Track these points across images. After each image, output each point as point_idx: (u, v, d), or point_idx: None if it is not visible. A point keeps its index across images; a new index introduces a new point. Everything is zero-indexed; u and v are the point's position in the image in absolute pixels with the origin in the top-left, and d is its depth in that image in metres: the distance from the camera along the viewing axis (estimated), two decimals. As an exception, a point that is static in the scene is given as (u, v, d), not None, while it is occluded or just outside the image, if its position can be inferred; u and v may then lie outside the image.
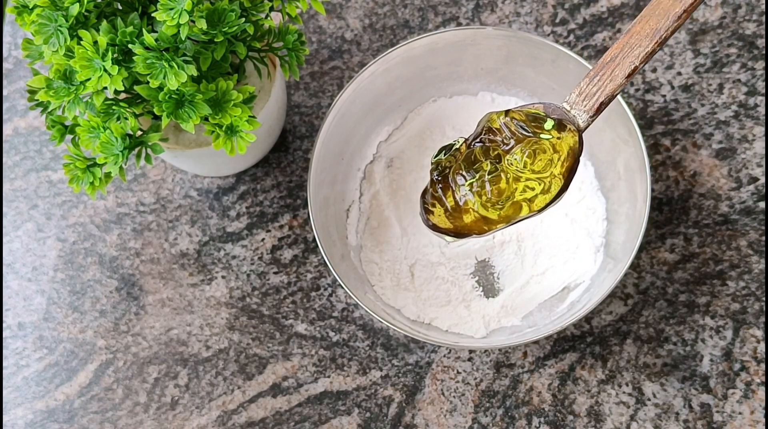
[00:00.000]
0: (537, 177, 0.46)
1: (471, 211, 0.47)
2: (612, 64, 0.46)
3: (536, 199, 0.47)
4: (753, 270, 0.65)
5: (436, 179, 0.48)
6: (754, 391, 0.62)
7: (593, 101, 0.47)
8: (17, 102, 0.73)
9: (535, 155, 0.46)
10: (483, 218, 0.47)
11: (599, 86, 0.46)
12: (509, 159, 0.46)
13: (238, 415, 0.64)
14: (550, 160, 0.46)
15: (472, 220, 0.47)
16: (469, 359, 0.64)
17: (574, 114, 0.47)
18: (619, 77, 0.46)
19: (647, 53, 0.45)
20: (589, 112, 0.47)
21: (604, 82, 0.46)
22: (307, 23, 0.74)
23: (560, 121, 0.46)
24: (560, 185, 0.46)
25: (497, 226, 0.48)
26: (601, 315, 0.65)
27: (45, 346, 0.66)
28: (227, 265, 0.68)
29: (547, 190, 0.47)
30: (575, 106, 0.47)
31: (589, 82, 0.47)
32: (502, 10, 0.73)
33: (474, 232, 0.48)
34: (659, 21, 0.44)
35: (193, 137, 0.62)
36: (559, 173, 0.46)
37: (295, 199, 0.69)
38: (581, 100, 0.47)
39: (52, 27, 0.52)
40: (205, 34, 0.52)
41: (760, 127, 0.68)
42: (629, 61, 0.45)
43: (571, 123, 0.47)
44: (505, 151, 0.46)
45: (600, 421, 0.62)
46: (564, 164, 0.46)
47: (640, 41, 0.45)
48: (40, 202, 0.70)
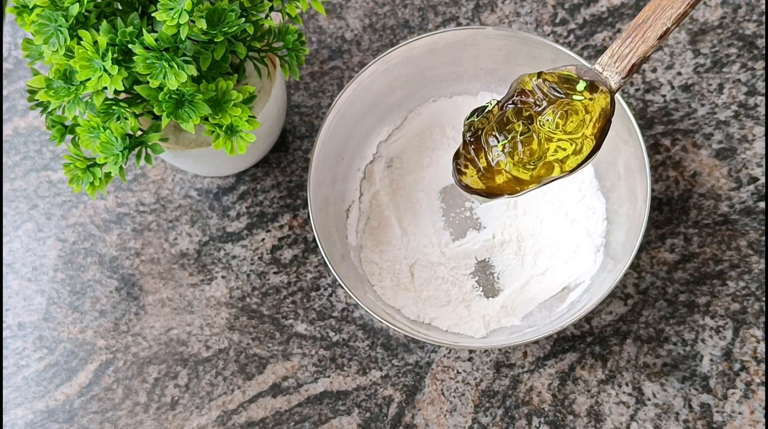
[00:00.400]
0: (569, 138, 0.46)
1: (503, 172, 0.47)
2: (644, 26, 0.46)
3: (568, 159, 0.47)
4: (753, 270, 0.65)
5: (468, 141, 0.48)
6: (754, 391, 0.62)
7: (625, 63, 0.47)
8: (17, 102, 0.73)
9: (567, 116, 0.46)
10: (515, 179, 0.47)
11: (631, 48, 0.46)
12: (541, 120, 0.46)
13: (238, 415, 0.64)
14: (582, 120, 0.46)
15: (504, 181, 0.48)
16: (469, 359, 0.64)
17: (606, 76, 0.47)
18: (651, 39, 0.46)
19: (680, 14, 0.45)
20: (621, 73, 0.47)
21: (637, 43, 0.46)
22: (307, 23, 0.74)
23: (592, 83, 0.47)
24: (592, 146, 0.47)
25: (529, 186, 0.48)
26: (601, 315, 0.65)
27: (45, 346, 0.66)
28: (227, 265, 0.68)
29: (578, 151, 0.47)
30: (607, 67, 0.47)
31: (621, 43, 0.47)
32: (502, 10, 0.73)
33: (506, 193, 0.48)
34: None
35: (193, 137, 0.62)
36: (591, 134, 0.47)
37: (295, 199, 0.69)
38: (613, 62, 0.47)
39: (52, 27, 0.52)
40: (205, 34, 0.52)
41: (760, 127, 0.68)
42: (661, 23, 0.45)
43: (603, 84, 0.47)
44: (537, 112, 0.46)
45: (600, 421, 0.62)
46: (596, 125, 0.47)
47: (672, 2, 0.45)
48: (40, 202, 0.70)
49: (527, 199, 0.66)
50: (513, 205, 0.66)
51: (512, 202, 0.66)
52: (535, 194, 0.66)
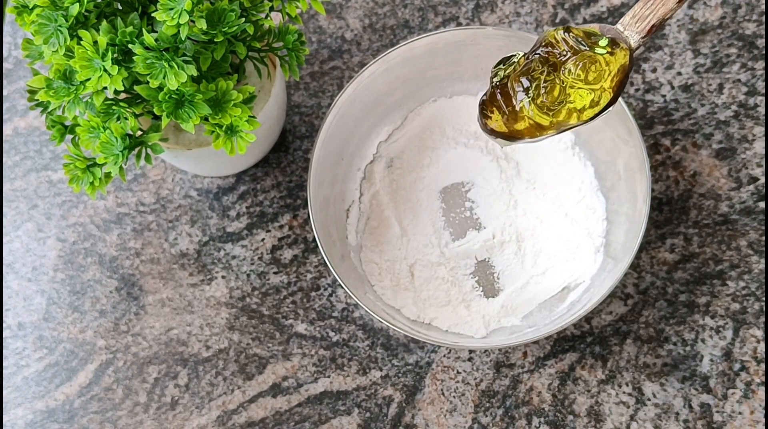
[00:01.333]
0: (589, 87, 0.50)
1: (526, 118, 0.51)
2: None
3: (586, 109, 0.50)
4: (753, 270, 0.65)
5: (495, 85, 0.52)
6: (754, 391, 0.62)
7: (645, 23, 0.50)
8: (17, 102, 0.73)
9: (588, 67, 0.49)
10: (536, 124, 0.51)
11: (652, 9, 0.50)
12: (565, 69, 0.49)
13: (238, 415, 0.64)
14: (601, 72, 0.49)
15: (526, 125, 0.51)
16: (469, 359, 0.64)
17: (627, 34, 0.50)
18: (671, 2, 0.49)
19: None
20: (641, 33, 0.50)
21: (657, 5, 0.49)
22: (307, 23, 0.74)
23: (614, 40, 0.50)
24: (609, 98, 0.50)
25: (548, 131, 0.51)
26: (601, 315, 0.65)
27: (45, 346, 0.66)
28: (227, 265, 0.68)
29: (596, 103, 0.50)
30: (628, 27, 0.50)
31: (643, 5, 0.50)
32: (502, 10, 0.73)
33: (526, 137, 0.52)
34: None
35: (193, 137, 0.62)
36: (609, 87, 0.50)
37: (295, 199, 0.69)
38: (634, 22, 0.50)
39: (52, 27, 0.52)
40: (205, 34, 0.52)
41: (760, 127, 0.68)
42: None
43: (624, 42, 0.50)
44: (561, 61, 0.50)
45: (600, 421, 0.62)
46: (614, 79, 0.50)
47: None
48: (40, 202, 0.70)
49: (527, 199, 0.66)
50: (513, 205, 0.66)
51: (512, 202, 0.66)
52: (535, 194, 0.66)
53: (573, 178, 0.65)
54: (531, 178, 0.66)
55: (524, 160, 0.67)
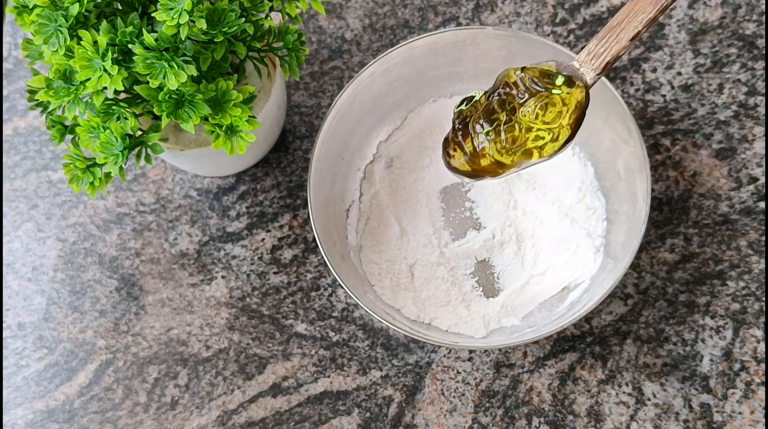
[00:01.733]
0: (547, 127, 0.51)
1: (488, 156, 0.52)
2: (618, 28, 0.50)
3: (546, 146, 0.52)
4: (753, 270, 0.65)
5: (457, 127, 0.53)
6: (754, 391, 0.62)
7: (600, 60, 0.51)
8: (17, 102, 0.73)
9: (546, 108, 0.50)
10: (497, 162, 0.52)
11: (606, 47, 0.51)
12: (523, 110, 0.51)
13: (238, 415, 0.64)
14: (559, 112, 0.51)
15: (488, 164, 0.52)
16: (469, 359, 0.64)
17: (583, 71, 0.52)
18: (624, 40, 0.50)
19: (650, 19, 0.50)
20: (596, 70, 0.51)
21: (611, 43, 0.51)
22: (307, 23, 0.74)
23: (570, 78, 0.51)
24: (567, 135, 0.51)
25: (510, 169, 0.53)
26: (601, 315, 0.65)
27: (45, 346, 0.66)
28: (227, 265, 0.68)
29: (555, 139, 0.51)
30: (584, 64, 0.52)
31: (597, 43, 0.51)
32: (502, 10, 0.73)
33: (489, 175, 0.53)
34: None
35: (193, 137, 0.62)
36: (567, 124, 0.51)
37: (295, 199, 0.69)
38: (589, 59, 0.51)
39: (52, 27, 0.52)
40: (205, 34, 0.52)
41: (760, 127, 0.68)
42: (633, 26, 0.50)
43: (580, 79, 0.51)
44: (519, 103, 0.51)
45: (600, 421, 0.62)
46: (572, 116, 0.51)
47: (644, 8, 0.50)
48: (40, 202, 0.70)
49: (527, 199, 0.66)
50: (513, 205, 0.66)
51: (512, 202, 0.66)
52: (535, 194, 0.66)
53: (573, 178, 0.65)
54: (531, 178, 0.66)
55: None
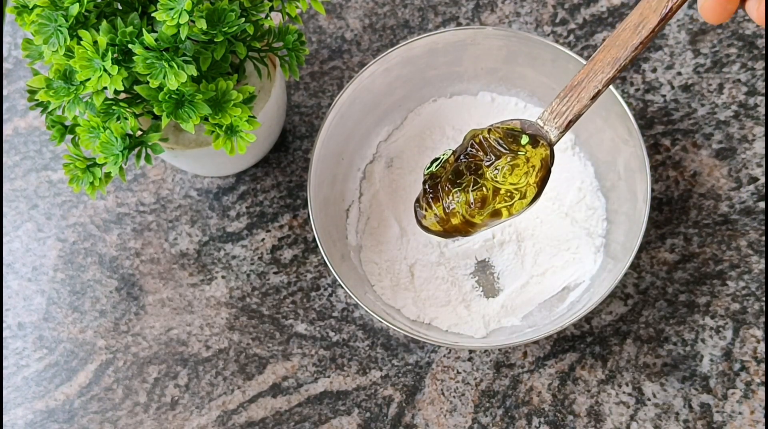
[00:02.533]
0: (514, 187, 0.52)
1: (458, 216, 0.53)
2: (579, 88, 0.52)
3: (514, 205, 0.53)
4: (753, 270, 0.65)
5: (428, 189, 0.54)
6: (754, 391, 0.62)
7: (563, 119, 0.52)
8: (17, 102, 0.73)
9: (512, 169, 0.52)
10: (468, 222, 0.54)
11: (568, 106, 0.52)
12: (490, 173, 0.52)
13: (238, 415, 0.64)
14: (525, 172, 0.52)
15: (458, 223, 0.54)
16: (469, 359, 0.64)
17: (547, 129, 0.53)
18: (584, 99, 0.52)
19: (609, 78, 0.51)
20: (559, 128, 0.53)
21: (572, 102, 0.52)
22: (307, 23, 0.74)
23: (534, 137, 0.52)
24: (534, 192, 0.53)
25: (481, 228, 0.54)
26: (601, 315, 0.65)
27: (45, 346, 0.66)
28: (227, 265, 0.68)
29: (523, 197, 0.53)
30: (547, 122, 0.53)
31: (559, 102, 0.53)
32: (502, 10, 0.73)
33: (461, 234, 0.55)
34: (619, 51, 0.51)
35: (193, 137, 0.62)
36: (534, 182, 0.53)
37: (295, 199, 0.69)
38: (552, 118, 0.53)
39: (51, 27, 0.52)
40: (205, 34, 0.52)
41: (760, 127, 0.68)
42: (593, 85, 0.52)
43: (544, 138, 0.53)
44: (486, 166, 0.52)
45: (600, 421, 0.62)
46: (538, 175, 0.52)
47: (602, 68, 0.51)
48: (40, 202, 0.70)
49: (527, 199, 0.66)
50: (513, 205, 0.66)
51: (512, 202, 0.66)
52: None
53: (573, 178, 0.66)
54: (531, 178, 0.66)
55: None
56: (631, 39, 0.50)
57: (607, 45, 0.51)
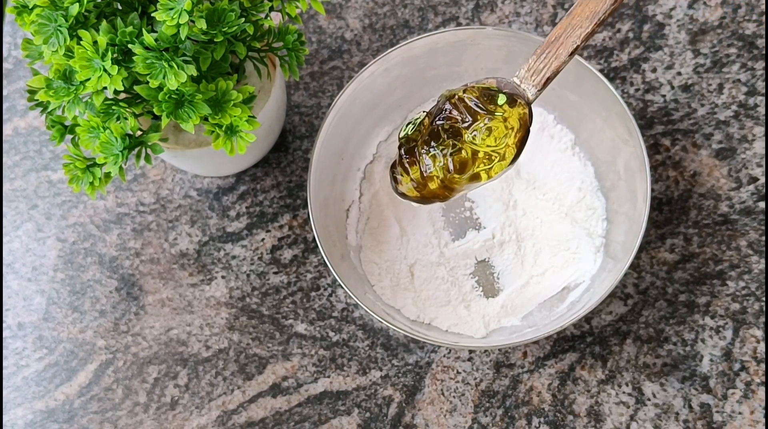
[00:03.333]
0: (493, 149, 0.51)
1: (435, 180, 0.52)
2: (556, 43, 0.51)
3: (493, 168, 0.52)
4: (753, 270, 0.65)
5: (404, 154, 0.53)
6: (754, 391, 0.62)
7: (540, 77, 0.51)
8: (17, 102, 0.73)
9: (490, 131, 0.51)
10: (446, 187, 0.52)
11: (545, 63, 0.51)
12: (468, 136, 0.51)
13: (238, 415, 0.64)
14: (504, 134, 0.51)
15: (436, 188, 0.52)
16: (469, 359, 0.64)
17: (524, 88, 0.52)
18: (563, 55, 0.51)
19: (587, 33, 0.50)
20: (537, 86, 0.51)
21: (550, 59, 0.51)
22: (307, 23, 0.74)
23: (511, 95, 0.51)
24: (513, 154, 0.51)
25: (459, 193, 0.53)
26: (601, 315, 0.65)
27: (45, 346, 0.66)
28: (227, 265, 0.68)
29: (502, 159, 0.51)
30: (524, 80, 0.52)
31: (536, 59, 0.51)
32: (502, 10, 0.73)
33: (438, 199, 0.53)
34: (597, 4, 0.49)
35: (193, 137, 0.62)
36: (513, 143, 0.51)
37: (295, 199, 0.69)
38: (530, 76, 0.51)
39: (51, 27, 0.52)
40: (204, 34, 0.52)
41: (760, 127, 0.68)
42: (571, 41, 0.50)
43: (521, 97, 0.51)
44: (464, 127, 0.51)
45: (600, 421, 0.62)
46: (516, 135, 0.51)
47: (581, 22, 0.50)
48: (40, 202, 0.70)
49: (527, 198, 0.66)
50: (513, 205, 0.66)
51: (512, 202, 0.66)
52: (535, 194, 0.66)
53: (573, 178, 0.65)
54: (531, 178, 0.66)
55: (524, 160, 0.67)
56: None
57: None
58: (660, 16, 0.72)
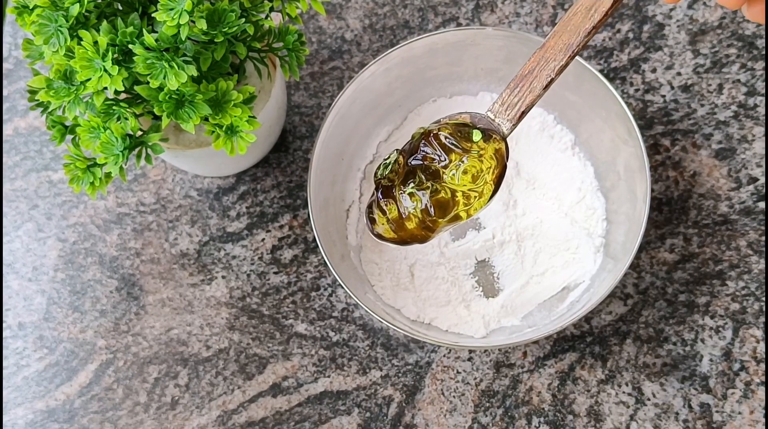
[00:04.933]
0: (470, 189, 0.50)
1: (413, 219, 0.51)
2: (530, 77, 0.50)
3: (472, 206, 0.51)
4: (753, 270, 0.65)
5: (380, 195, 0.52)
6: (753, 391, 0.62)
7: (515, 111, 0.50)
8: (17, 102, 0.73)
9: (467, 171, 0.50)
10: (427, 227, 0.51)
11: (520, 97, 0.50)
12: (446, 176, 0.50)
13: (238, 414, 0.64)
14: (481, 171, 0.50)
15: (414, 227, 0.51)
16: (469, 359, 0.64)
17: (498, 122, 0.51)
18: (537, 89, 0.50)
19: (561, 66, 0.49)
20: (512, 120, 0.50)
21: (524, 93, 0.50)
22: (307, 23, 0.74)
23: (486, 131, 0.50)
24: (492, 190, 0.51)
25: (438, 234, 0.52)
26: (601, 315, 0.65)
27: (45, 346, 0.66)
28: (227, 265, 0.68)
29: (480, 196, 0.51)
30: (499, 115, 0.51)
31: (510, 92, 0.50)
32: (502, 10, 0.73)
33: (417, 240, 0.52)
34: (571, 37, 0.48)
35: (193, 137, 0.62)
36: (491, 180, 0.50)
37: (295, 199, 0.69)
38: (504, 110, 0.50)
39: (52, 27, 0.52)
40: (205, 35, 0.52)
41: (760, 127, 0.68)
42: (546, 74, 0.49)
43: (496, 132, 0.50)
44: (441, 167, 0.50)
45: (600, 421, 0.62)
46: (494, 172, 0.50)
47: (554, 55, 0.49)
48: (41, 202, 0.70)
49: (527, 199, 0.66)
50: (513, 205, 0.66)
51: (512, 202, 0.66)
52: (535, 194, 0.66)
53: (573, 178, 0.66)
54: (531, 178, 0.66)
55: (524, 160, 0.67)
56: (583, 24, 0.48)
57: (558, 30, 0.49)
58: (660, 17, 0.72)
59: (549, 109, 0.67)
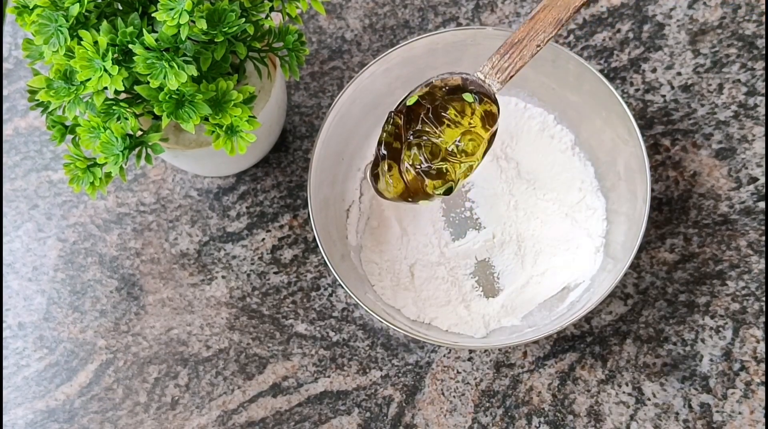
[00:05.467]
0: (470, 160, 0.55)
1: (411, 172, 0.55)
2: (520, 45, 0.55)
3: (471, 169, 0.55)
4: (753, 270, 0.65)
5: (384, 150, 0.56)
6: (753, 391, 0.62)
7: (505, 74, 0.55)
8: (17, 102, 0.73)
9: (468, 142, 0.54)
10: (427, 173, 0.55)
11: (510, 62, 0.55)
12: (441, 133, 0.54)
13: (238, 414, 0.64)
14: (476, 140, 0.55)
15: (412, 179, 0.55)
16: (469, 359, 0.64)
17: (489, 83, 0.55)
18: (526, 56, 0.55)
19: (550, 38, 0.54)
20: (502, 82, 0.55)
21: (515, 59, 0.55)
22: (307, 23, 0.74)
23: (479, 94, 0.55)
24: (485, 147, 0.55)
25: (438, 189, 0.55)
26: (601, 315, 0.65)
27: (45, 345, 0.66)
28: (227, 265, 0.68)
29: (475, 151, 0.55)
30: (489, 76, 0.56)
31: (500, 58, 0.55)
32: (502, 10, 0.73)
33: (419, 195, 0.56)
34: (560, 12, 0.53)
35: (193, 137, 0.62)
36: (485, 137, 0.55)
37: (295, 199, 0.69)
38: (494, 73, 0.56)
39: (52, 27, 0.52)
40: (205, 35, 0.52)
41: (760, 127, 0.68)
42: (535, 44, 0.55)
43: (487, 93, 0.55)
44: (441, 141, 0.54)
45: (600, 421, 0.62)
46: (487, 129, 0.55)
47: (544, 28, 0.54)
48: (41, 202, 0.70)
49: (527, 199, 0.66)
50: (513, 205, 0.66)
51: (512, 203, 0.66)
52: (536, 194, 0.66)
53: (573, 178, 0.66)
54: (531, 178, 0.66)
55: (524, 160, 0.67)
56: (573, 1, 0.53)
57: (547, 4, 0.54)
58: (660, 16, 0.72)
59: (549, 109, 0.67)
